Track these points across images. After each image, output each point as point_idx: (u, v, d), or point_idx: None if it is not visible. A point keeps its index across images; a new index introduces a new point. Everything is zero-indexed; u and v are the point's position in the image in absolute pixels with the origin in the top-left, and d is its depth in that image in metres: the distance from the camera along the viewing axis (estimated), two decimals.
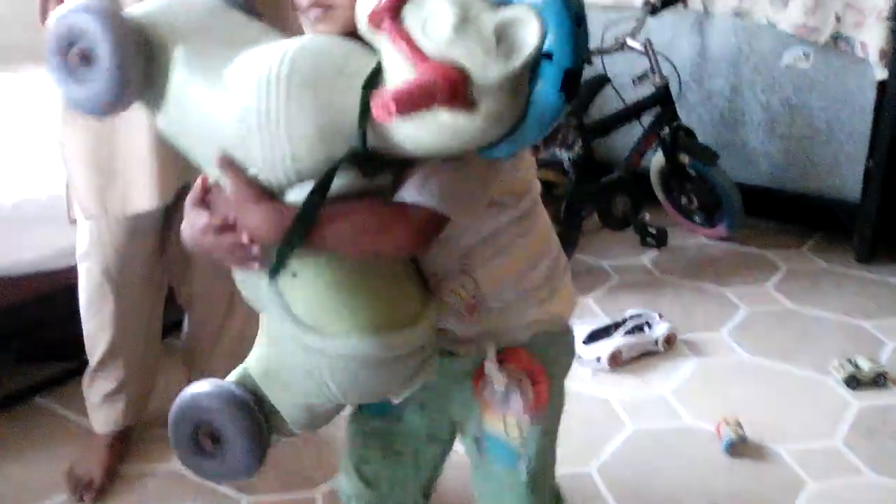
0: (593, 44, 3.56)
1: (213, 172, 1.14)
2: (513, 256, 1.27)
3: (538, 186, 1.32)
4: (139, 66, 1.11)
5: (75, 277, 2.17)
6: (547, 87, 0.96)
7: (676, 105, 3.48)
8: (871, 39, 3.27)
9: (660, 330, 2.85)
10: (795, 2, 3.36)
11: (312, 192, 1.06)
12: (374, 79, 1.01)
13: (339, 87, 1.02)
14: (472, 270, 1.25)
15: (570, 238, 3.28)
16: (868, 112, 3.39)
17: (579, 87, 0.98)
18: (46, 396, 2.57)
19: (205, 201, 1.16)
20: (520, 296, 1.29)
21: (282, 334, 1.19)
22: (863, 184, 3.46)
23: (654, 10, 3.39)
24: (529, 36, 0.94)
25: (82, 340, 2.22)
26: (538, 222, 1.32)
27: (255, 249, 1.13)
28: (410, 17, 0.97)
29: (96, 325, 2.17)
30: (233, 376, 1.28)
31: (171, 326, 2.55)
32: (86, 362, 2.25)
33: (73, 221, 2.11)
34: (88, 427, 2.32)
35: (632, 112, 3.48)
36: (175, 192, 2.01)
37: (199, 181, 1.18)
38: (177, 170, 1.99)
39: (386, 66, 1.00)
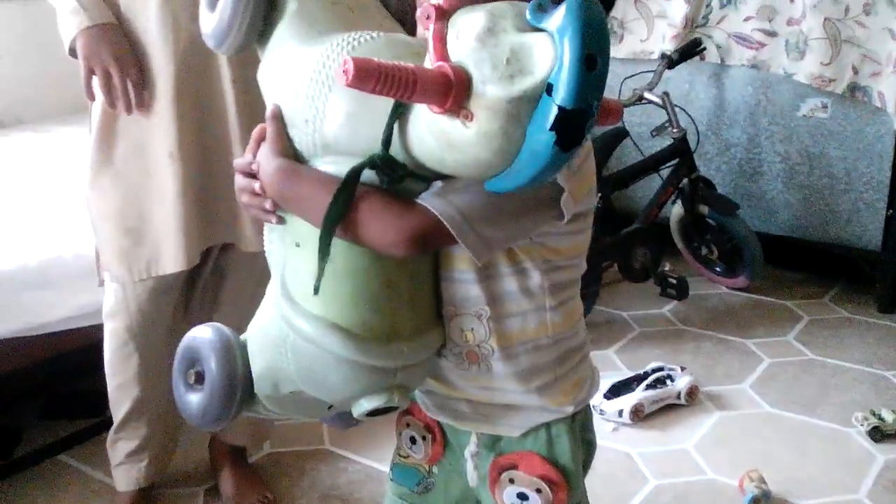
0: (611, 97, 3.59)
1: None
2: (538, 325, 1.22)
3: (584, 267, 1.27)
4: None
5: (99, 334, 2.19)
6: (540, 122, 0.90)
7: (695, 156, 3.50)
8: (888, 89, 3.28)
9: (682, 383, 2.85)
10: (812, 53, 3.38)
11: (337, 194, 1.07)
12: None
13: None
14: (490, 319, 1.20)
15: (590, 290, 3.28)
16: (887, 160, 3.40)
17: (580, 134, 0.91)
18: (70, 453, 2.58)
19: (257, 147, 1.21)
20: (527, 371, 1.23)
21: (273, 299, 1.21)
22: (883, 232, 3.46)
23: (671, 64, 3.42)
24: (538, 66, 0.90)
25: (106, 396, 2.24)
26: (576, 300, 1.27)
27: (268, 203, 1.17)
28: (455, 22, 0.97)
29: (120, 384, 2.19)
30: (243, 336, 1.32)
31: None
32: (109, 418, 2.27)
33: (102, 283, 2.14)
34: (111, 485, 2.33)
35: (650, 164, 3.50)
36: (200, 254, 2.04)
37: (259, 127, 1.21)
38: (202, 232, 2.02)
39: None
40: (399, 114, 1.02)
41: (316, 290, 1.11)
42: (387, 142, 1.04)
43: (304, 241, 1.15)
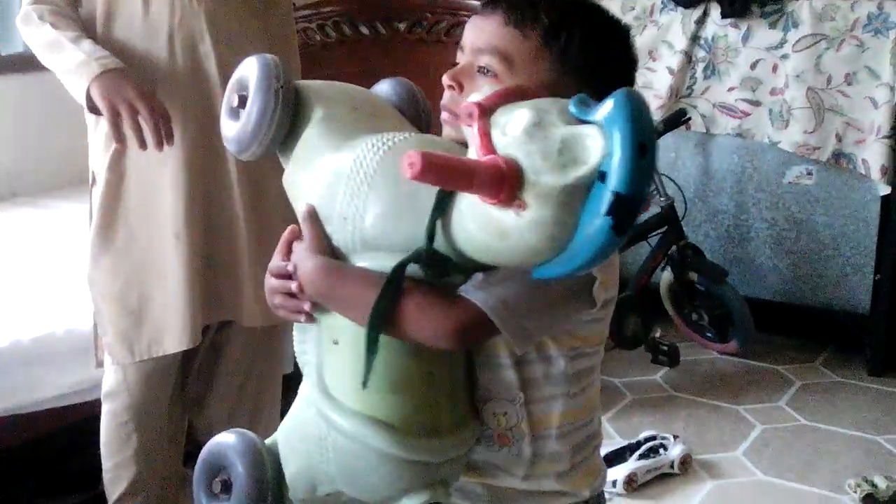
0: None
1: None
2: (565, 410, 1.24)
3: (602, 354, 1.29)
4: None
5: (92, 409, 2.20)
6: (594, 208, 0.93)
7: (683, 223, 3.54)
8: (872, 156, 3.33)
9: (675, 451, 2.85)
10: (796, 122, 3.44)
11: (383, 291, 1.08)
12: None
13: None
14: (524, 404, 1.22)
15: None
16: (873, 226, 3.44)
17: (633, 218, 0.94)
18: None
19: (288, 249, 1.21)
20: (552, 455, 1.25)
21: (309, 398, 1.19)
22: (872, 296, 3.48)
23: (657, 134, 3.46)
24: (591, 155, 0.93)
25: (98, 471, 2.23)
26: (594, 387, 1.29)
27: (306, 304, 1.17)
28: (498, 117, 1.00)
29: (118, 464, 2.19)
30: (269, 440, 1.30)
31: (189, 456, 2.56)
32: (101, 493, 2.26)
33: (100, 364, 2.15)
34: None
35: (639, 232, 3.53)
36: (201, 332, 2.06)
37: (290, 228, 1.22)
38: (204, 311, 2.04)
39: None
40: (443, 207, 1.05)
41: (364, 385, 1.12)
42: (431, 235, 1.06)
43: (343, 337, 1.15)
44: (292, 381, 2.46)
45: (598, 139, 0.93)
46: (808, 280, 3.64)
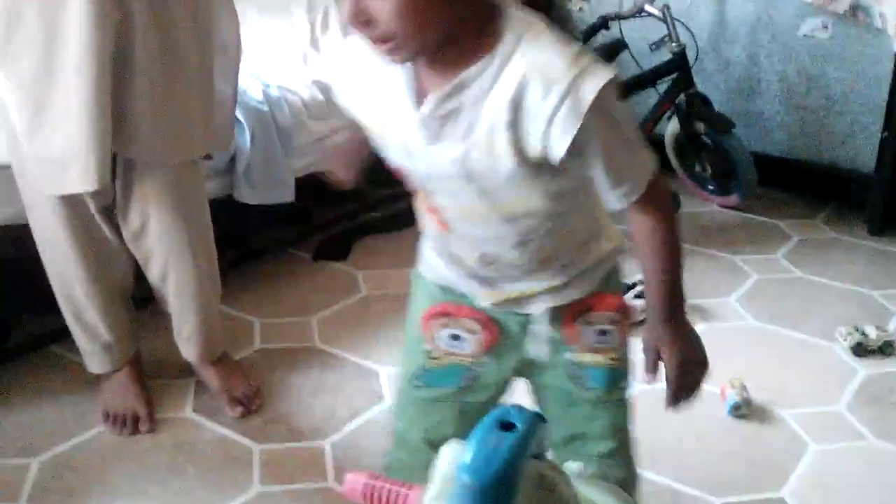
0: (611, 8, 3.56)
1: None
2: (573, 225, 1.36)
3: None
4: None
5: None
6: None
7: (693, 72, 3.48)
8: (890, 10, 3.26)
9: None
10: None
11: None
12: None
13: None
14: (556, 231, 1.32)
15: None
16: (885, 83, 3.39)
17: None
18: (60, 345, 2.60)
19: None
20: (582, 246, 1.38)
21: None
22: (877, 155, 3.46)
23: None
24: None
25: None
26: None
27: None
28: None
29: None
30: None
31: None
32: None
33: None
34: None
35: (648, 78, 3.49)
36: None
37: None
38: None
39: None
40: None
41: None
42: None
43: None
44: None
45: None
46: (815, 136, 3.61)
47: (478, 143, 1.19)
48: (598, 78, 1.13)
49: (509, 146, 1.17)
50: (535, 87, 1.14)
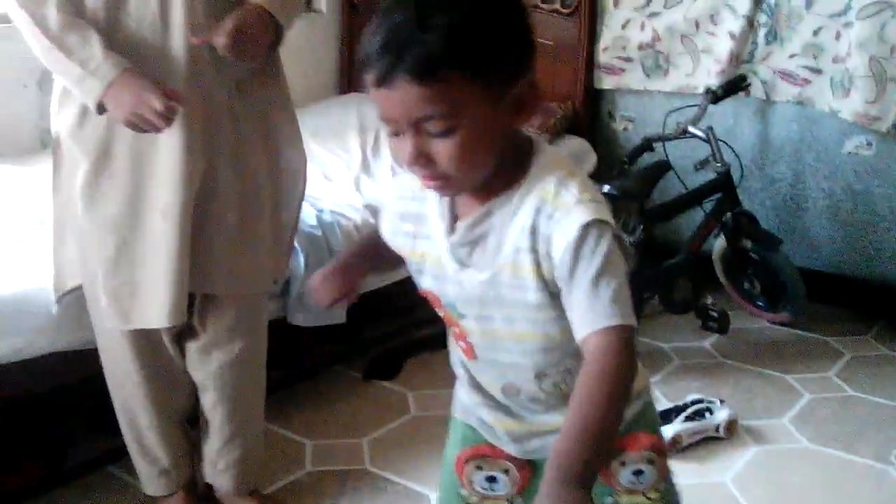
0: (656, 129, 3.63)
1: None
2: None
3: None
4: None
5: None
6: None
7: (738, 191, 3.52)
8: None
9: (721, 416, 2.85)
10: (857, 91, 3.39)
11: None
12: None
13: None
14: (575, 370, 1.28)
15: None
16: None
17: None
18: (117, 466, 2.63)
19: None
20: None
21: None
22: None
23: (716, 98, 3.45)
24: None
25: None
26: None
27: None
28: None
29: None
30: None
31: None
32: None
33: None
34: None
35: (693, 198, 3.52)
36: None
37: None
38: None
39: None
40: None
41: None
42: None
43: None
44: None
45: None
46: (863, 252, 3.61)
47: (505, 265, 1.26)
48: (596, 214, 1.20)
49: (532, 269, 1.24)
50: (545, 212, 1.22)
